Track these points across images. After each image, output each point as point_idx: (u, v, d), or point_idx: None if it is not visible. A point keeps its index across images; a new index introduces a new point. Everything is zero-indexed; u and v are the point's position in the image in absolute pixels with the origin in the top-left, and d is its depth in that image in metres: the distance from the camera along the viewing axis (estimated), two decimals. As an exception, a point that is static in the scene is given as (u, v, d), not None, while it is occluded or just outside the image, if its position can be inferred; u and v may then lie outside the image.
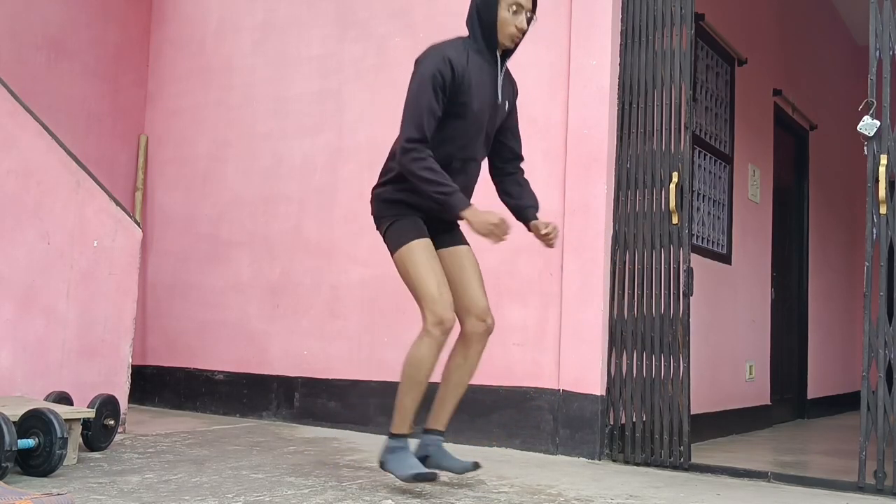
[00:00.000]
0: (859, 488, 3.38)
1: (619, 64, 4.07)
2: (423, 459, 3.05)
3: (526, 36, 3.08)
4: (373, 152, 4.76)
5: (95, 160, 5.10)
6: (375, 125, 4.76)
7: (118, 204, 4.15)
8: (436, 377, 3.03)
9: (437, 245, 3.05)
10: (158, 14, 5.79)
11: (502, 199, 3.23)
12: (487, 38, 3.00)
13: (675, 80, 3.92)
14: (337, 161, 4.88)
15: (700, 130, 4.95)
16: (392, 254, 3.05)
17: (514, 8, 2.98)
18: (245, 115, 5.30)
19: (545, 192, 4.17)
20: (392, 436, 2.99)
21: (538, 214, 3.15)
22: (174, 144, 5.61)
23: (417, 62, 2.99)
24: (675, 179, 3.85)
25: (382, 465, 3.00)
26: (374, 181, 5.32)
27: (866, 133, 3.43)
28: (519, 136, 3.26)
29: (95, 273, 4.04)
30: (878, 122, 3.42)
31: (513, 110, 3.20)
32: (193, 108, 5.54)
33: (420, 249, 2.97)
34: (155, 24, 5.79)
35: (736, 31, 5.36)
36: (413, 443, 3.06)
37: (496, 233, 2.84)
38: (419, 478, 2.85)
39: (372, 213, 3.15)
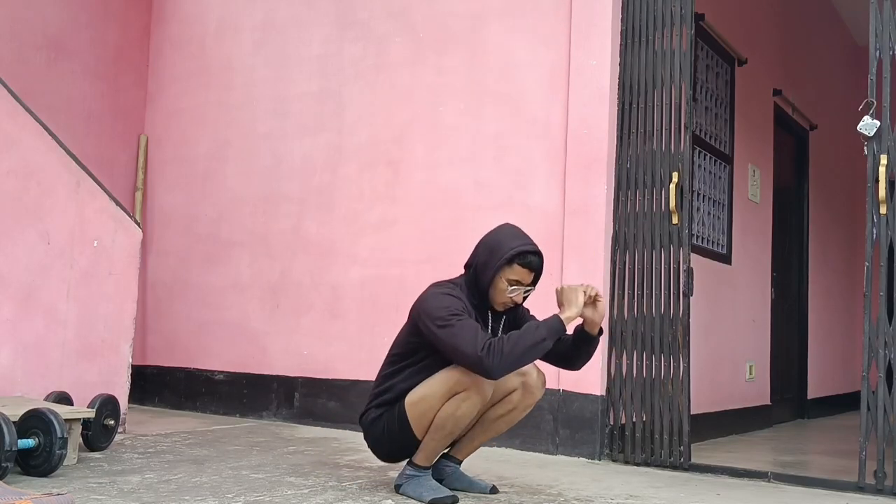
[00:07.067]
0: (859, 488, 3.38)
1: (619, 64, 4.07)
2: (439, 482, 3.00)
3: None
4: (373, 152, 4.76)
5: (95, 160, 5.10)
6: (375, 125, 4.76)
7: (118, 204, 4.15)
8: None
9: None
10: (158, 14, 5.79)
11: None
12: (480, 297, 2.91)
13: (675, 80, 3.92)
14: (337, 161, 4.88)
15: (700, 130, 4.95)
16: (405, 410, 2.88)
17: (514, 284, 2.87)
18: (245, 115, 5.30)
19: (545, 192, 4.19)
20: (412, 465, 2.93)
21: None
22: (174, 144, 5.60)
23: (420, 303, 2.86)
24: (675, 179, 3.85)
25: (398, 489, 2.95)
26: (374, 181, 5.26)
27: (866, 133, 3.43)
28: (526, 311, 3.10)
29: (95, 273, 4.04)
30: (878, 122, 3.42)
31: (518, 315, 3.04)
32: (193, 108, 5.53)
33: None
34: (155, 24, 5.79)
35: (736, 31, 5.36)
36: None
37: (586, 297, 2.82)
38: (438, 501, 2.82)
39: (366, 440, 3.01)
